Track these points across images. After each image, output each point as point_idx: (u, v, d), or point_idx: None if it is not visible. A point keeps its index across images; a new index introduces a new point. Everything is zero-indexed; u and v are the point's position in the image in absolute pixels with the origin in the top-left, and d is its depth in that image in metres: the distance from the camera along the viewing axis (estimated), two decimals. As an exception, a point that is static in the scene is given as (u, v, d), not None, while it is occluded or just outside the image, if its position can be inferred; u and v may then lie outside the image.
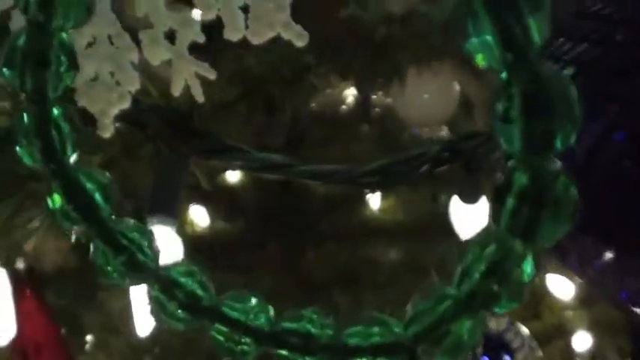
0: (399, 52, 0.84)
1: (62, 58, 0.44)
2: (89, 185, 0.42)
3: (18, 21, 0.51)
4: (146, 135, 0.57)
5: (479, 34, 0.31)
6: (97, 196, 0.42)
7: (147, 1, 0.48)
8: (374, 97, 1.17)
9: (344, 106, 1.20)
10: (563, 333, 1.11)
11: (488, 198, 0.77)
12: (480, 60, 0.32)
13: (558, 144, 0.33)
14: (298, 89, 0.79)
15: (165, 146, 0.61)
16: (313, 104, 1.09)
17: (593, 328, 1.11)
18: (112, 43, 0.50)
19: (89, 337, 1.03)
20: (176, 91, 0.50)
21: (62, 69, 0.44)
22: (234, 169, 0.63)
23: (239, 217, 1.07)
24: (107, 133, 0.51)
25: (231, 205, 1.08)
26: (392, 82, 0.92)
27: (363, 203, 1.07)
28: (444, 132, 1.24)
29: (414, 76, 0.94)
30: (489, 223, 0.37)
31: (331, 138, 1.09)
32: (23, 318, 0.78)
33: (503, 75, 0.32)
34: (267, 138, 0.77)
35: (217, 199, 1.06)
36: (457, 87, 1.11)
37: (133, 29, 0.50)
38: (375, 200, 1.10)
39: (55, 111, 0.43)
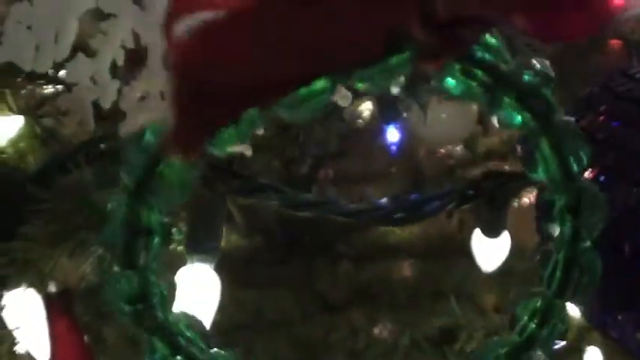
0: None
1: (158, 227, 0.47)
2: (190, 334, 0.46)
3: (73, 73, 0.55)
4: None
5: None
6: (196, 339, 0.46)
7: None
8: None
9: (360, 120, 1.24)
10: (575, 350, 1.15)
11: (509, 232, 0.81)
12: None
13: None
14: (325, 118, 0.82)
15: (203, 185, 0.65)
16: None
17: (605, 346, 1.15)
18: (162, 98, 0.53)
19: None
20: (224, 145, 0.53)
21: (156, 240, 0.47)
22: (268, 206, 0.66)
23: (257, 233, 1.11)
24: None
25: (249, 221, 1.11)
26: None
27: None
28: (460, 149, 1.28)
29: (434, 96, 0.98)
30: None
31: (349, 152, 1.12)
32: (56, 340, 0.81)
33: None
34: (294, 167, 0.80)
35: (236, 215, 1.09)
36: (474, 105, 1.14)
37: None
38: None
39: (152, 277, 0.46)
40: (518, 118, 0.43)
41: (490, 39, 0.41)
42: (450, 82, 0.43)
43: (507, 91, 0.40)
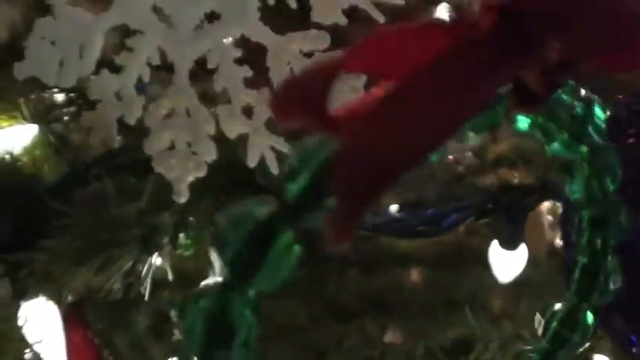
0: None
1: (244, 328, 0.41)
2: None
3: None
4: (207, 188, 0.60)
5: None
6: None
7: (225, 77, 0.52)
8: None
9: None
10: (583, 357, 1.15)
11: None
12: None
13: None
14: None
15: (226, 200, 0.65)
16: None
17: (612, 353, 1.15)
18: (188, 115, 0.53)
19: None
20: (252, 162, 0.53)
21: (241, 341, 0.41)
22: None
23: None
24: (183, 198, 0.54)
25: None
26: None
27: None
28: (469, 156, 1.28)
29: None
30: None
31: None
32: (72, 350, 0.81)
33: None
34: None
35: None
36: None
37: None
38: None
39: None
40: (565, 148, 0.45)
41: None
42: (521, 119, 0.45)
43: (561, 127, 0.41)
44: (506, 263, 0.83)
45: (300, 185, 0.38)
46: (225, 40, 0.51)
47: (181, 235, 0.64)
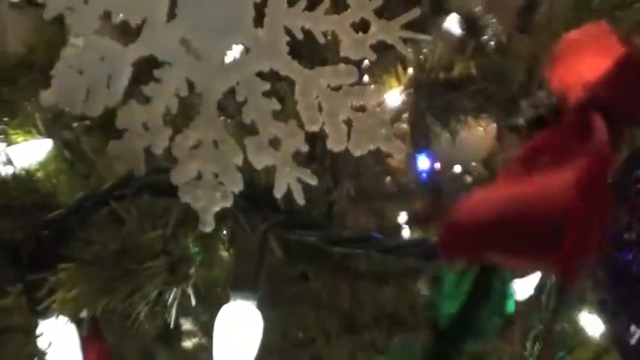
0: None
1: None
2: None
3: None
4: (225, 210, 0.60)
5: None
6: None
7: (255, 109, 0.52)
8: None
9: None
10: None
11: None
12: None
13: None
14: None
15: (245, 221, 0.65)
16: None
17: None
18: (216, 146, 0.54)
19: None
20: (279, 193, 0.53)
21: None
22: (308, 241, 0.67)
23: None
24: (209, 228, 0.55)
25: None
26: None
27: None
28: (477, 166, 1.28)
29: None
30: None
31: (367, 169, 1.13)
32: (88, 365, 0.82)
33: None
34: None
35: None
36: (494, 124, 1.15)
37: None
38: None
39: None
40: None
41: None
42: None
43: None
44: (519, 284, 0.84)
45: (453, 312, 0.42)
46: (253, 73, 0.51)
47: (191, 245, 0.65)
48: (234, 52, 0.52)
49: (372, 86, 0.51)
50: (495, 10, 1.19)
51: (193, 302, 0.61)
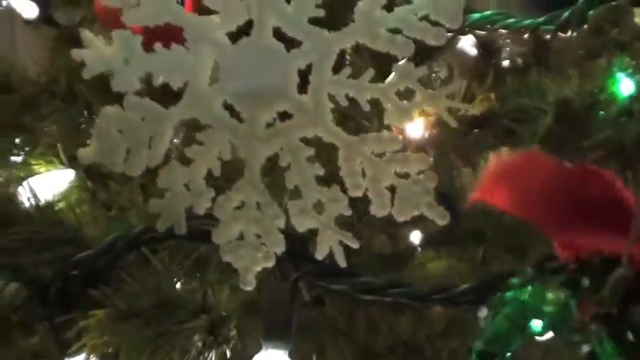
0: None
1: None
2: None
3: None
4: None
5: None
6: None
7: (298, 175, 0.52)
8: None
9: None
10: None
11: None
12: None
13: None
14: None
15: (277, 270, 0.65)
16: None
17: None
18: (258, 209, 0.53)
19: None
20: (320, 256, 0.53)
21: None
22: (339, 290, 0.67)
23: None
24: (250, 287, 0.55)
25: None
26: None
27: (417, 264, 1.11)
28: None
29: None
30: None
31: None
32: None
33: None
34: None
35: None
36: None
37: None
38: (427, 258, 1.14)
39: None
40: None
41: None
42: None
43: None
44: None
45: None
46: (297, 139, 0.51)
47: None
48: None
49: (416, 155, 0.50)
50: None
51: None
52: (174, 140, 0.64)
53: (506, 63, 1.06)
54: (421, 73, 0.50)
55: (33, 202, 0.84)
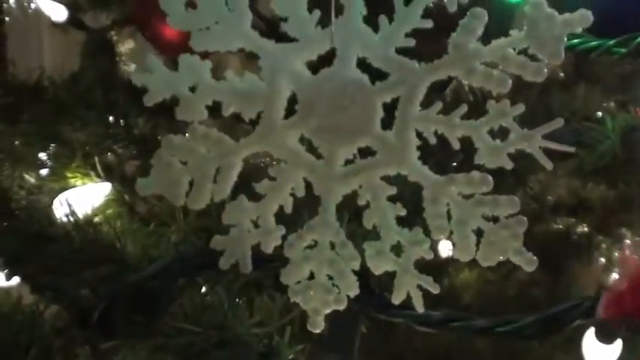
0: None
1: None
2: None
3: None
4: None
5: None
6: None
7: (378, 214, 0.48)
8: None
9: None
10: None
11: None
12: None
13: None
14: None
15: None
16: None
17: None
18: (332, 249, 0.49)
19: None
20: (397, 300, 0.49)
21: None
22: (398, 322, 0.63)
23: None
24: (319, 329, 0.51)
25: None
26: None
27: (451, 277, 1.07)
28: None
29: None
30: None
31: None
32: None
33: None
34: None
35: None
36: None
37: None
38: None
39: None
40: None
41: None
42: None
43: None
44: (601, 355, 0.80)
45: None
46: (378, 177, 0.47)
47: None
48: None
49: (506, 197, 0.46)
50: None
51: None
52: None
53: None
54: (518, 112, 0.45)
55: (70, 218, 0.79)
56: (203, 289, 0.68)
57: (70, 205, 0.77)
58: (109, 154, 0.87)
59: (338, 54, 0.46)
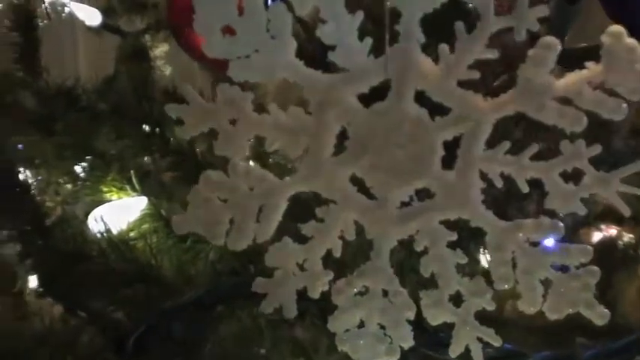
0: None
1: None
2: None
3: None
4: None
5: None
6: None
7: (436, 262, 0.43)
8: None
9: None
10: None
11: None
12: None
13: None
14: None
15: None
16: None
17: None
18: (385, 296, 0.44)
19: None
20: (454, 354, 0.44)
21: None
22: None
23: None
24: (367, 379, 0.46)
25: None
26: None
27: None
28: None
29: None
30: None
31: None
32: None
33: None
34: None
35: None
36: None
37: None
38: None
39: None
40: None
41: None
42: None
43: None
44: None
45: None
46: (437, 222, 0.42)
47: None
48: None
49: (578, 246, 0.40)
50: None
51: None
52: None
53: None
54: (594, 153, 0.40)
55: (105, 235, 0.75)
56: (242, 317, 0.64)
57: (104, 223, 0.73)
58: (144, 166, 0.82)
59: (393, 86, 0.41)
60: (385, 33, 0.41)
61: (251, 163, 0.49)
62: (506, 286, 0.42)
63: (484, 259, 0.68)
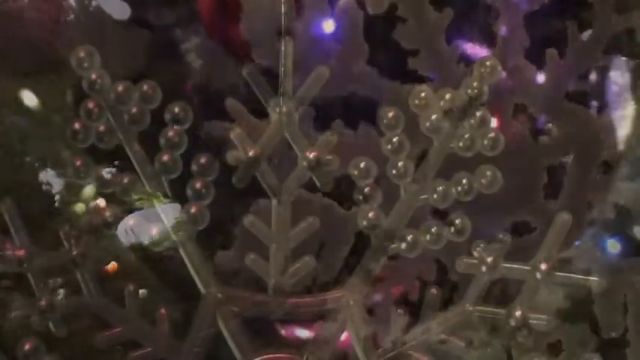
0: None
1: None
2: None
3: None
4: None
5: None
6: None
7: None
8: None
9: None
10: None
11: None
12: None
13: None
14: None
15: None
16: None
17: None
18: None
19: None
20: None
21: None
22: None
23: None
24: None
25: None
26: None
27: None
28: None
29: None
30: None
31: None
32: None
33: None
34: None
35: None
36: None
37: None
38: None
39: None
40: None
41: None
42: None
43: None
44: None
45: None
46: None
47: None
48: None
49: None
50: None
51: None
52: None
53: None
54: None
55: (137, 247, 0.69)
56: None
57: (136, 235, 0.66)
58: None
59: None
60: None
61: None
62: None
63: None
